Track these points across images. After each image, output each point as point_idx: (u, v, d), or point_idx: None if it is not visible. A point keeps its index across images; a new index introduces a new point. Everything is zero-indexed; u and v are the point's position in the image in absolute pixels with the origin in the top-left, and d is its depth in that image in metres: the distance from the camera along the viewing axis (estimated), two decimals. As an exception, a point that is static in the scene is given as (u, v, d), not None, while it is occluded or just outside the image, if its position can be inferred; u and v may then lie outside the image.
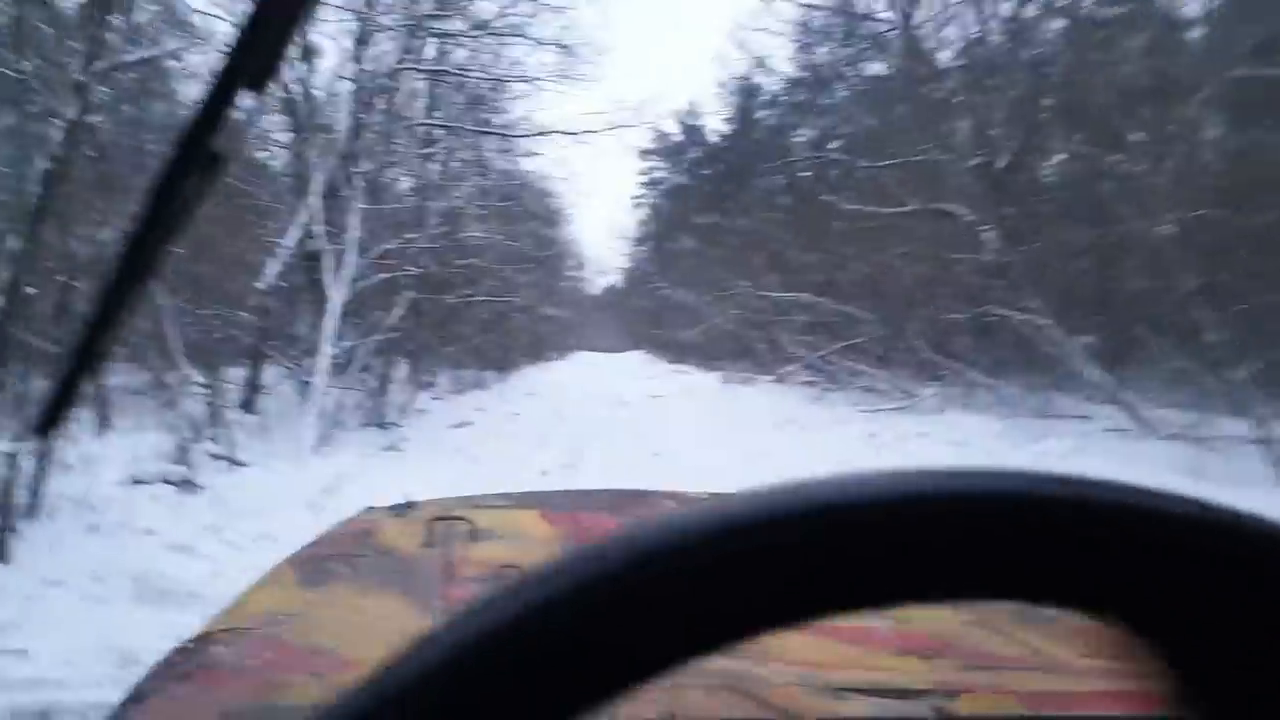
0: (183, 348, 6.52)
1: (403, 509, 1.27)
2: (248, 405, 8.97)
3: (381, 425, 9.63)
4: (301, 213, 10.41)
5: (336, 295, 8.84)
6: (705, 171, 39.43)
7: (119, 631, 3.22)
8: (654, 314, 39.92)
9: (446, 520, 1.13)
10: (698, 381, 25.48)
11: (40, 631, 3.25)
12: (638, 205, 45.71)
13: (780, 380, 19.73)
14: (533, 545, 1.10)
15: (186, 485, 5.21)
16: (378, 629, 0.87)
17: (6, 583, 3.71)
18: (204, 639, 0.88)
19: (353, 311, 9.41)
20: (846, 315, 18.46)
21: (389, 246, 9.76)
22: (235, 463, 6.38)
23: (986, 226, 16.98)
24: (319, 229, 9.60)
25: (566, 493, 1.52)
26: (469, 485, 7.59)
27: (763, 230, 26.07)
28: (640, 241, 46.14)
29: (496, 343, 20.99)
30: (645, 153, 44.98)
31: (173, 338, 6.63)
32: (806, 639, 0.76)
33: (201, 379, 6.49)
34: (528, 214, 25.67)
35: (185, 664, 0.81)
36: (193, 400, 6.57)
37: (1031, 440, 9.32)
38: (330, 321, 8.61)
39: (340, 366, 9.02)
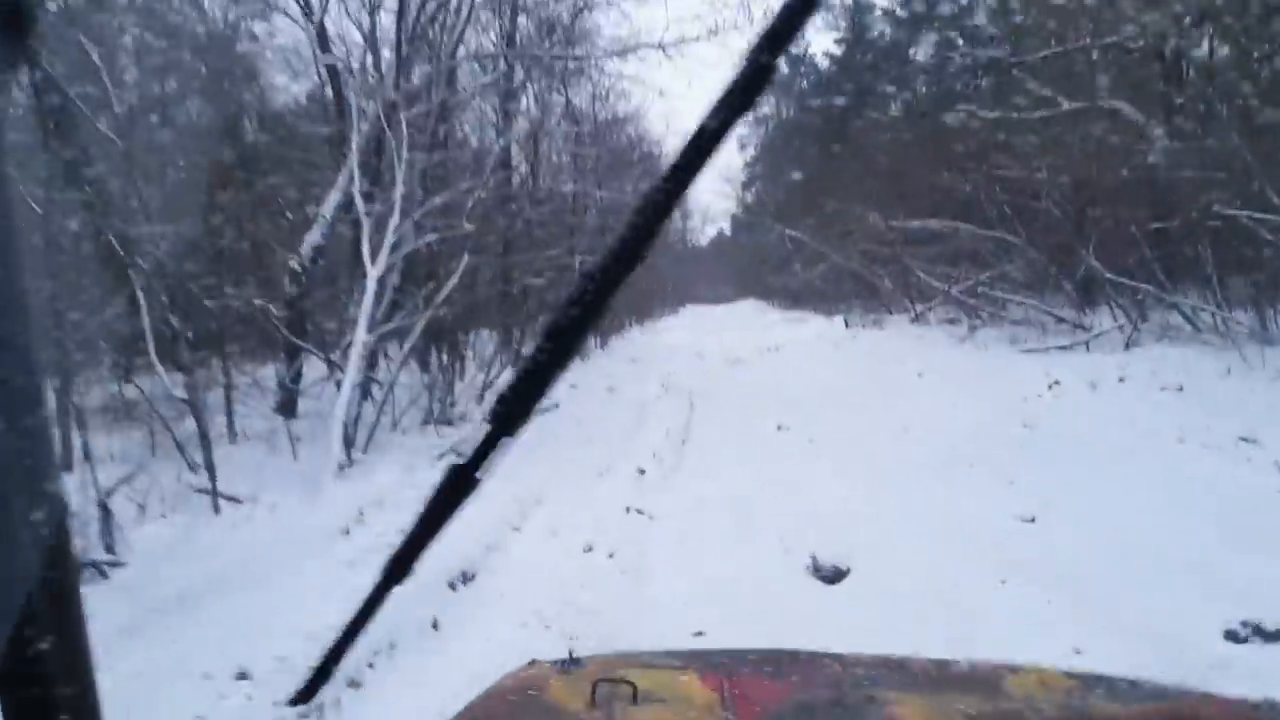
0: (156, 345, 5.02)
1: (567, 665, 1.25)
2: (286, 408, 7.58)
3: (445, 422, 8.05)
4: (342, 175, 8.88)
5: (376, 266, 7.22)
6: (816, 102, 36.38)
7: None
8: (766, 260, 37.45)
9: (610, 682, 1.11)
10: (818, 329, 23.06)
11: None
12: (743, 145, 43.02)
13: (918, 320, 17.24)
14: (692, 711, 1.07)
15: (95, 570, 3.67)
16: None
17: None
18: None
19: (401, 286, 7.81)
20: (994, 241, 15.80)
21: (443, 200, 8.04)
22: (226, 498, 4.91)
23: (1158, 124, 14.01)
24: (361, 190, 8.02)
25: (727, 652, 1.34)
26: (546, 510, 5.68)
27: (886, 155, 23.32)
28: (748, 184, 43.47)
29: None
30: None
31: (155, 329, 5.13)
32: None
33: (180, 386, 4.98)
34: (623, 161, 23.76)
35: None
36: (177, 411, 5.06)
37: (1275, 377, 6.88)
38: (367, 300, 7.01)
39: (382, 355, 7.47)
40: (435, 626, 3.62)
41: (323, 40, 9.92)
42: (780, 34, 0.68)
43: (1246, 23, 11.93)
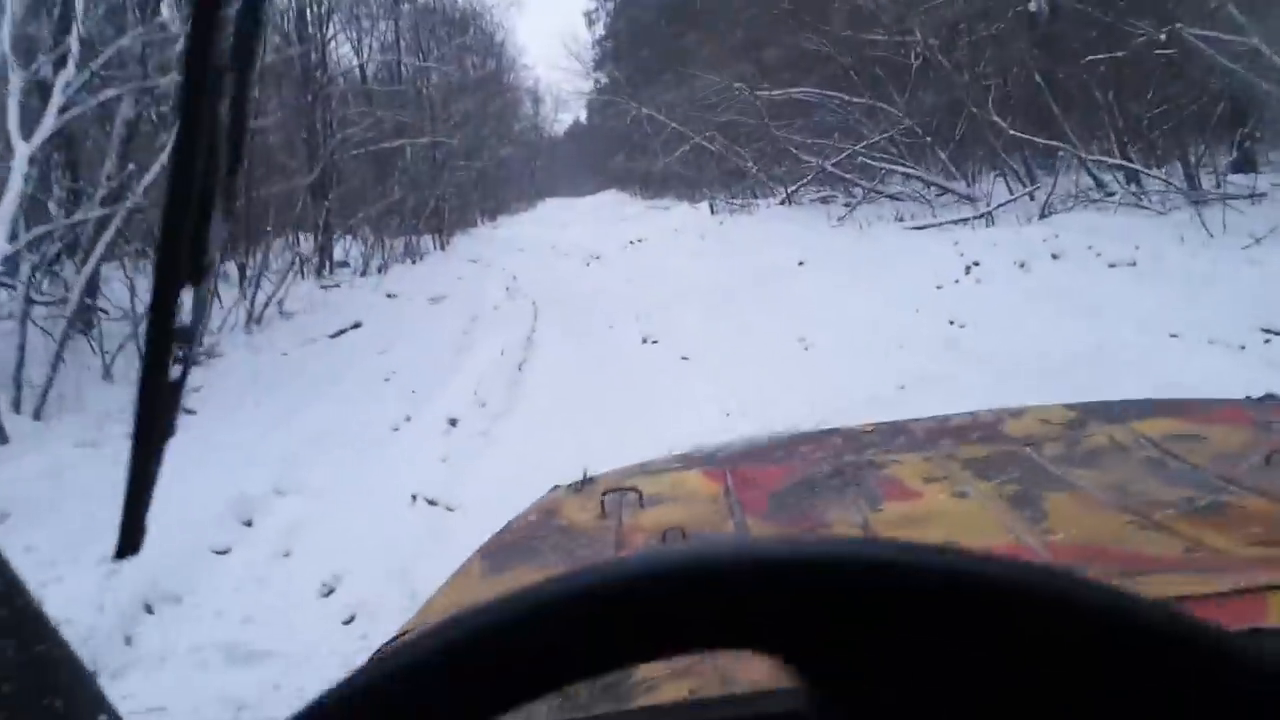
0: None
1: (581, 484, 1.25)
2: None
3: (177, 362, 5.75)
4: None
5: (24, 144, 4.70)
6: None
7: None
8: (624, 146, 35.04)
9: (617, 491, 1.13)
10: (683, 217, 21.25)
11: None
12: (591, 20, 39.76)
13: (789, 201, 15.58)
14: (697, 504, 1.08)
15: None
16: None
17: None
18: (400, 639, 0.81)
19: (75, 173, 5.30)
20: (865, 108, 14.17)
21: (137, 39, 5.48)
22: None
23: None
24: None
25: (730, 445, 1.31)
26: (283, 513, 3.54)
27: (742, 23, 21.16)
28: (599, 63, 40.38)
29: (431, 200, 16.65)
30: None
31: None
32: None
33: None
34: (455, 33, 20.62)
35: None
36: None
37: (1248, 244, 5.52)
38: (10, 192, 4.52)
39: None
40: None
41: None
42: None
43: None
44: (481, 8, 23.04)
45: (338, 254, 12.34)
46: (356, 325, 7.13)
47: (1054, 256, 6.37)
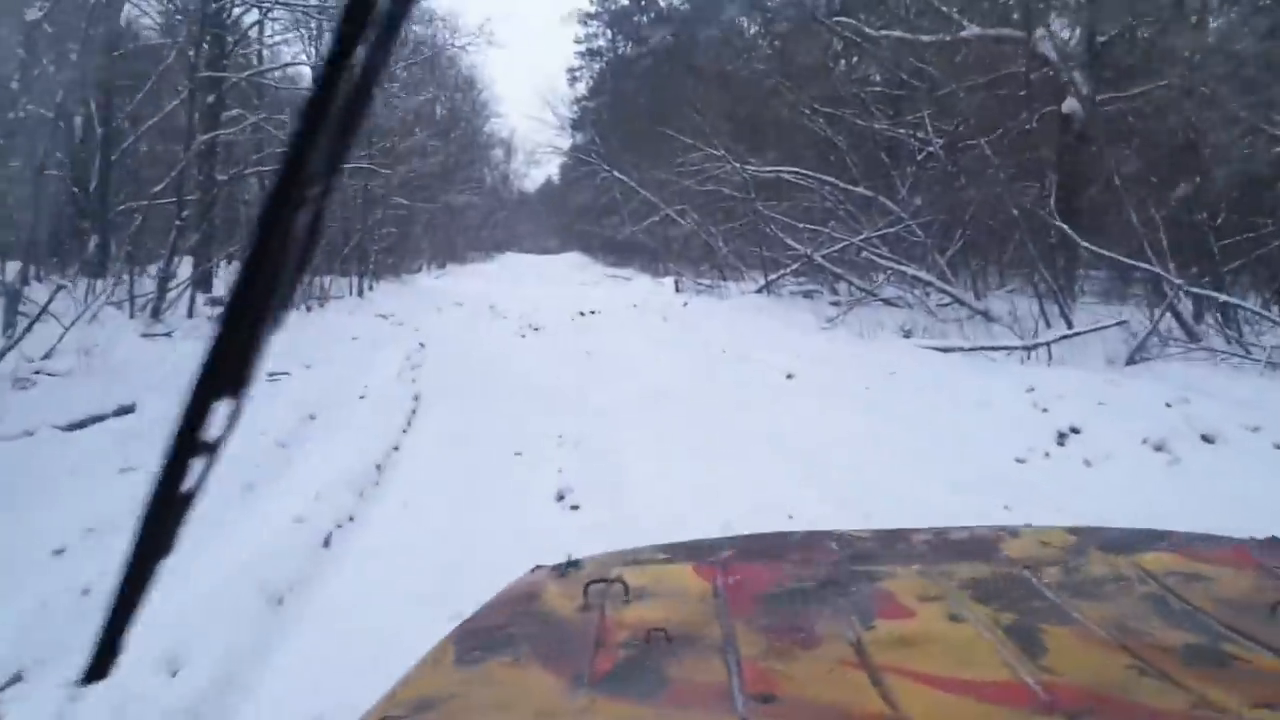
0: None
1: (565, 568, 1.18)
2: None
3: None
4: None
5: None
6: (657, 36, 32.10)
7: None
8: (593, 210, 33.03)
9: (603, 582, 1.06)
10: (644, 291, 19.02)
11: None
12: (575, 78, 38.17)
13: (766, 291, 13.29)
14: (685, 603, 1.03)
15: None
16: (525, 709, 0.84)
17: None
18: None
19: None
20: (863, 200, 12.14)
21: None
22: None
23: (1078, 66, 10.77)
24: None
25: (723, 541, 1.27)
26: None
27: (735, 91, 19.30)
28: (578, 125, 38.61)
29: (354, 238, 14.09)
30: (587, 16, 37.23)
31: None
32: (939, 694, 0.76)
33: None
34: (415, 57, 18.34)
35: None
36: None
37: None
38: None
39: None
40: None
41: None
42: None
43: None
44: (455, 41, 20.91)
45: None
46: (124, 410, 4.50)
47: (1206, 440, 4.07)
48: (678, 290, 17.52)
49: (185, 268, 9.15)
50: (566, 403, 5.94)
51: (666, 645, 0.89)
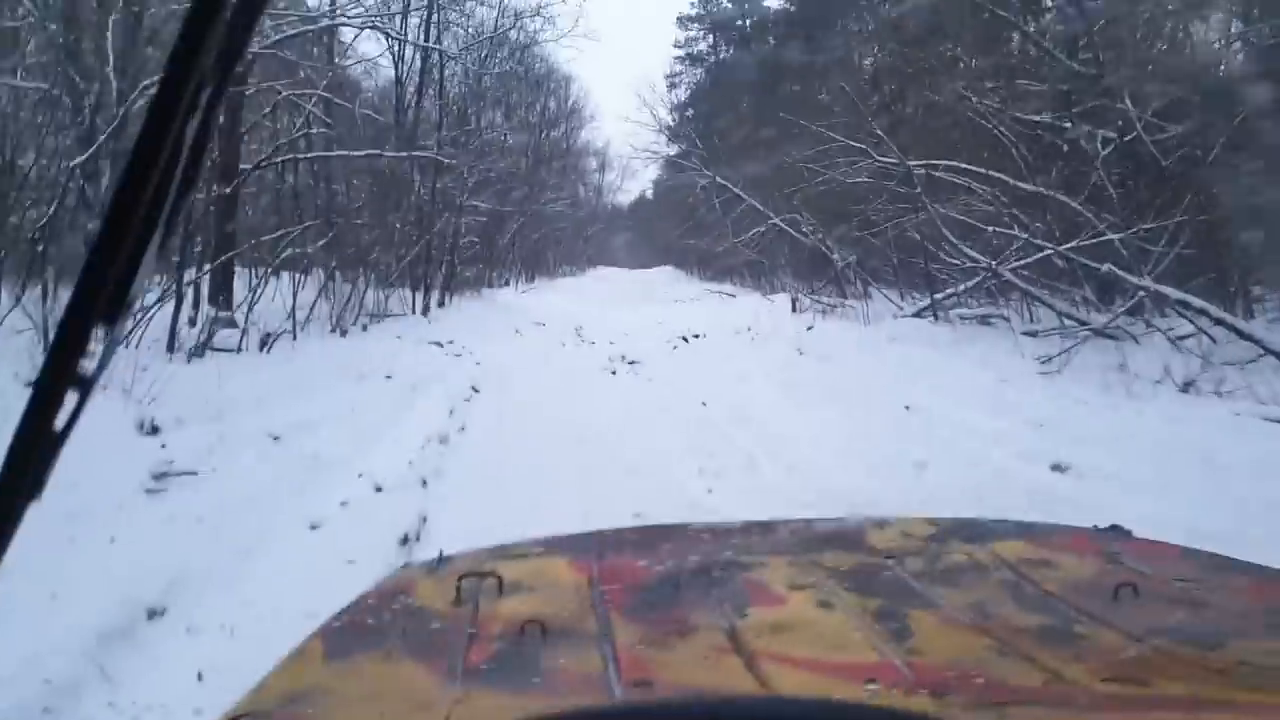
0: None
1: (436, 564, 1.15)
2: None
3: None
4: None
5: None
6: (762, 40, 29.46)
7: None
8: (688, 222, 30.49)
9: (476, 575, 1.03)
10: (753, 311, 15.99)
11: None
12: (674, 83, 35.71)
13: (933, 315, 10.19)
14: (560, 595, 1.01)
15: None
16: (398, 702, 0.82)
17: None
18: None
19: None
20: (1039, 199, 9.12)
21: None
22: None
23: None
24: None
25: (598, 534, 1.25)
26: None
27: (867, 77, 16.50)
28: (675, 135, 36.11)
29: (416, 246, 11.88)
30: (685, 20, 34.84)
31: None
32: (812, 676, 0.79)
33: None
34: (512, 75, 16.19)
35: None
36: None
37: None
38: None
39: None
40: None
41: None
42: None
43: None
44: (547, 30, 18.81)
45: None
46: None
47: None
48: (794, 310, 14.72)
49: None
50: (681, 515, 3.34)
51: (542, 637, 0.87)
